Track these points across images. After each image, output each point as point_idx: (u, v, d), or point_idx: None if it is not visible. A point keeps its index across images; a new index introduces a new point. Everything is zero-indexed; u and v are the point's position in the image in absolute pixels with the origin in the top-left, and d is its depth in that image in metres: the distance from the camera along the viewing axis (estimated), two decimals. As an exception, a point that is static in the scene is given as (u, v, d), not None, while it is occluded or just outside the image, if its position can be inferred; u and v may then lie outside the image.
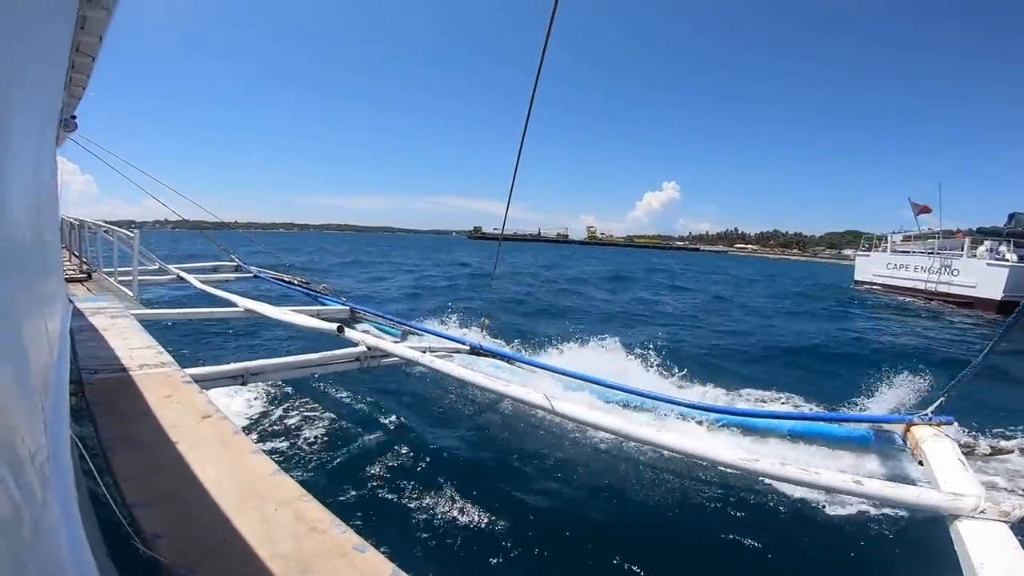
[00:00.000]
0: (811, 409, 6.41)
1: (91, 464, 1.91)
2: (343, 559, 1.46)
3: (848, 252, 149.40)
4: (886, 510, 3.75)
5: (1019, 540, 2.24)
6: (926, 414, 3.67)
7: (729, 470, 3.33)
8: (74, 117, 5.27)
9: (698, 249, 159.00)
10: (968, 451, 3.52)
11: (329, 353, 5.09)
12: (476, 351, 6.05)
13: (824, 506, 3.94)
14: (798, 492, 3.96)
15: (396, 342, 6.00)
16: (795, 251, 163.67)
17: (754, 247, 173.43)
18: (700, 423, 4.99)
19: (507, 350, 6.65)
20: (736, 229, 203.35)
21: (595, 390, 5.46)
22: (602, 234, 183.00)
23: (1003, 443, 3.77)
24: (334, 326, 5.62)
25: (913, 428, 3.65)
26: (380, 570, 1.43)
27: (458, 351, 6.04)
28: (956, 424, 3.61)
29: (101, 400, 2.82)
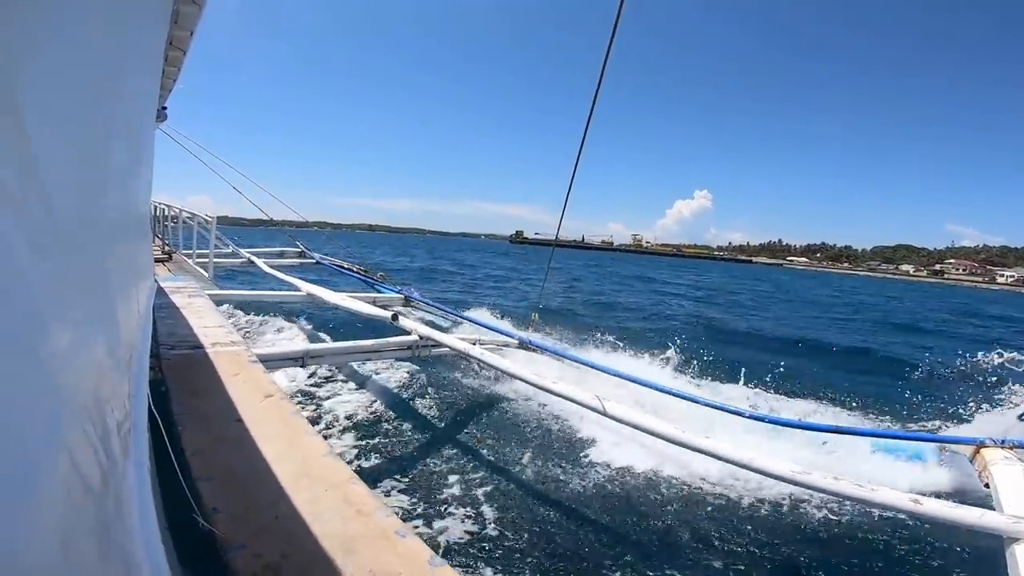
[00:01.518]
0: (878, 425, 6.08)
1: (165, 436, 2.08)
2: (385, 542, 1.53)
3: (907, 268, 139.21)
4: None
5: None
6: (999, 437, 3.45)
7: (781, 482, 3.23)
8: (164, 108, 5.68)
9: (751, 261, 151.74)
10: None
11: (383, 340, 5.28)
12: (525, 345, 6.10)
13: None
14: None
15: (447, 332, 6.13)
16: (846, 265, 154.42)
17: (805, 260, 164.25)
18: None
19: (556, 346, 6.66)
20: (780, 240, 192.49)
21: (644, 392, 5.38)
22: (647, 243, 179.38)
23: None
24: (389, 313, 5.82)
25: (983, 450, 3.43)
26: (419, 555, 1.49)
27: (507, 344, 6.10)
28: None
29: (176, 375, 3.04)
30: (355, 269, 11.59)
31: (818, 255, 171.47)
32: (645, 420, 3.66)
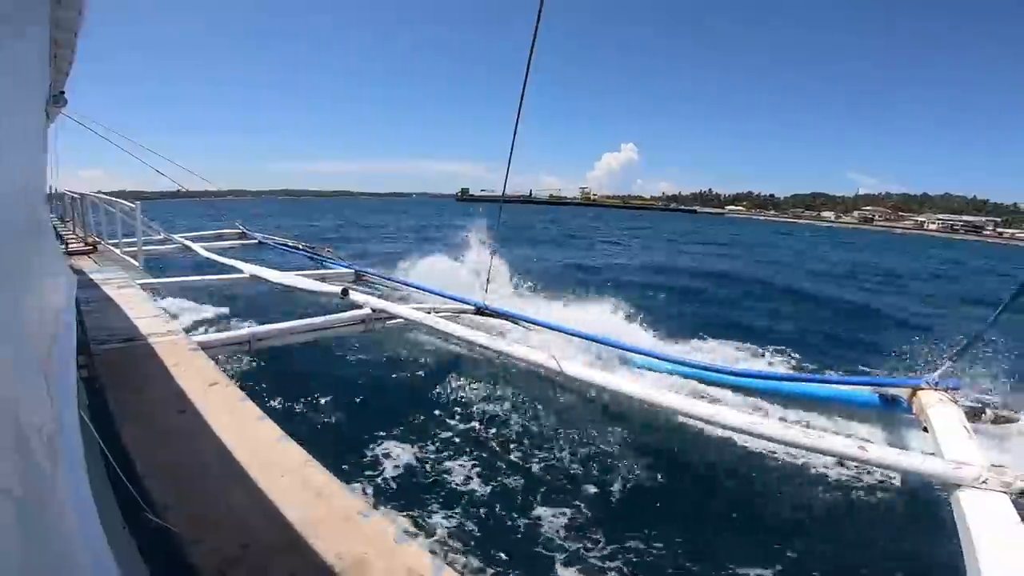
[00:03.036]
0: (817, 371, 6.39)
1: (100, 435, 1.93)
2: (348, 524, 1.48)
3: (828, 214, 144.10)
4: (889, 475, 3.75)
5: (1020, 512, 2.18)
6: (933, 378, 3.56)
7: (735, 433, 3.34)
8: (63, 93, 5.20)
9: (695, 211, 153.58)
10: (974, 418, 3.41)
11: (334, 316, 5.11)
12: (482, 311, 6.05)
13: (826, 467, 3.97)
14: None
15: (401, 304, 6.00)
16: (772, 212, 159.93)
17: (742, 208, 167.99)
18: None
19: (513, 310, 6.64)
20: (711, 190, 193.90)
21: (602, 350, 5.47)
22: (594, 196, 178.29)
23: (1010, 411, 3.66)
24: (338, 289, 5.63)
25: (919, 393, 3.54)
26: (384, 534, 1.45)
27: (463, 311, 6.04)
28: (963, 389, 3.51)
29: (110, 370, 2.84)
30: (301, 246, 11.17)
31: (745, 203, 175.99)
32: (601, 377, 3.69)
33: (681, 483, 3.94)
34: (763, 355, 6.96)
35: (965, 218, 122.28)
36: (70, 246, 8.15)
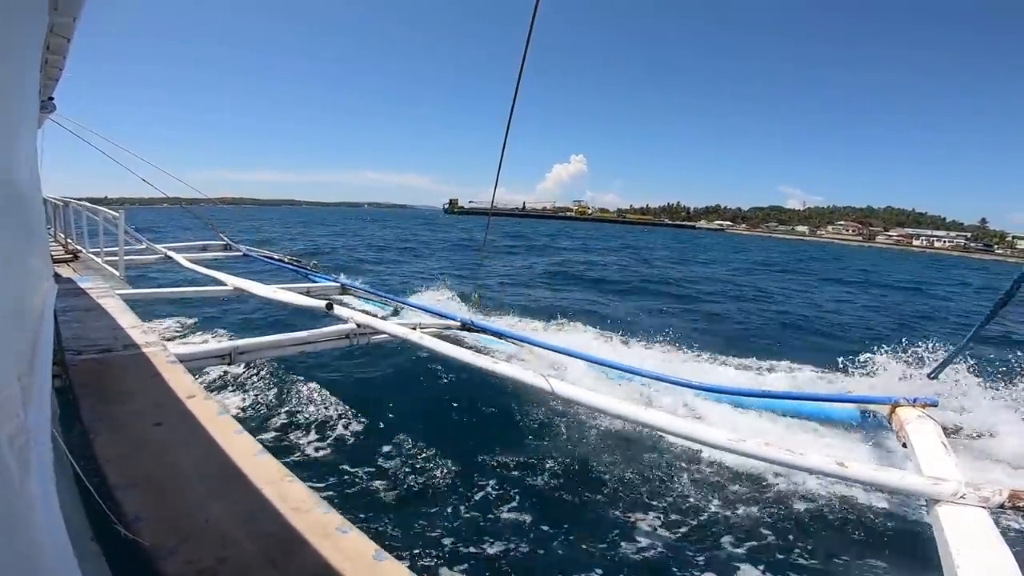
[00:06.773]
0: (798, 388, 6.45)
1: (72, 447, 1.89)
2: (326, 539, 1.46)
3: (801, 229, 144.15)
4: (872, 492, 3.78)
5: (998, 526, 2.20)
6: (911, 395, 3.63)
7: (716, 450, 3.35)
8: (51, 98, 5.19)
9: (694, 227, 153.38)
10: (952, 434, 3.47)
11: (318, 331, 5.07)
12: (467, 327, 6.05)
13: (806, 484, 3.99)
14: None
15: (386, 319, 5.98)
16: (743, 226, 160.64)
17: (726, 222, 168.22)
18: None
19: (499, 326, 6.64)
20: (679, 203, 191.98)
21: (589, 367, 5.48)
22: (589, 211, 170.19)
23: (986, 426, 3.74)
24: (323, 303, 5.59)
25: (898, 409, 3.60)
26: (362, 550, 1.43)
27: (449, 327, 6.03)
28: (940, 406, 3.58)
29: (85, 381, 2.79)
30: (286, 259, 11.11)
31: (713, 216, 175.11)
32: (590, 396, 3.65)
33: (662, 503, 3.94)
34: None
35: (955, 234, 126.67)
36: (51, 254, 8.02)
